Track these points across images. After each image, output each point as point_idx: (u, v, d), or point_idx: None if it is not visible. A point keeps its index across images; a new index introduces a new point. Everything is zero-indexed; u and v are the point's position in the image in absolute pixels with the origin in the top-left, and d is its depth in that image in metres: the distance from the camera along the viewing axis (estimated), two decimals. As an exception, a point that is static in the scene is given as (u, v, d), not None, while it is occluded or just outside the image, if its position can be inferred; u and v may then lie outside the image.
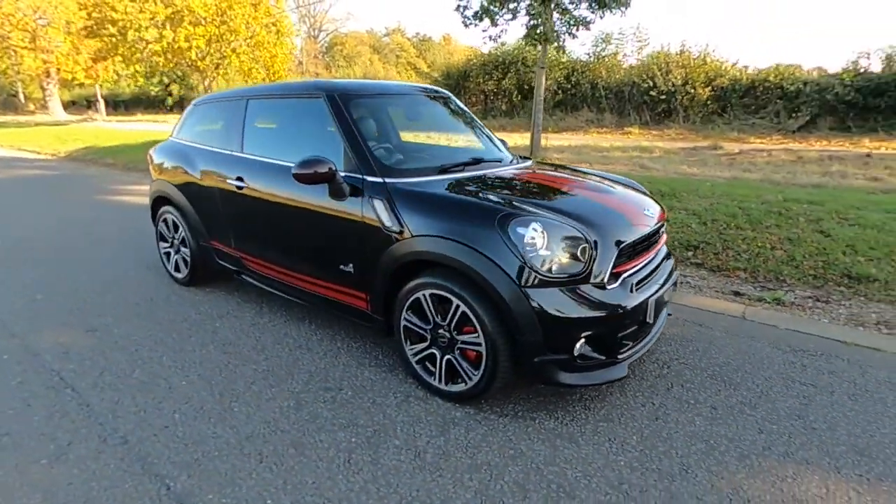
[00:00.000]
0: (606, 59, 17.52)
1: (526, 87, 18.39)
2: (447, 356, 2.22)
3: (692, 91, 15.19)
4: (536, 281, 1.96)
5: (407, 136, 3.33)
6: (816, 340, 2.84)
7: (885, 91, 12.73)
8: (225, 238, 3.23)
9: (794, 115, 13.74)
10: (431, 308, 2.20)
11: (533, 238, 1.97)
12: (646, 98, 15.96)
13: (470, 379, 2.16)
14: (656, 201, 2.65)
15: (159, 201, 3.69)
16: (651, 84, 15.71)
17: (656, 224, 2.42)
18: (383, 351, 2.73)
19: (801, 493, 1.74)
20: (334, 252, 2.55)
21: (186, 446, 1.98)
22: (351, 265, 2.50)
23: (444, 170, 2.55)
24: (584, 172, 3.02)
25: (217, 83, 22.53)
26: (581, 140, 13.62)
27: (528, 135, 10.39)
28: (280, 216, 2.78)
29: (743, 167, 8.61)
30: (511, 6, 7.67)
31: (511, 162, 2.92)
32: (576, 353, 2.02)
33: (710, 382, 2.43)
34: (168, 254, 3.74)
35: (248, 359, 2.66)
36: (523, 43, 8.86)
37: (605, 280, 2.06)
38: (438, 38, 54.35)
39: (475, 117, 3.37)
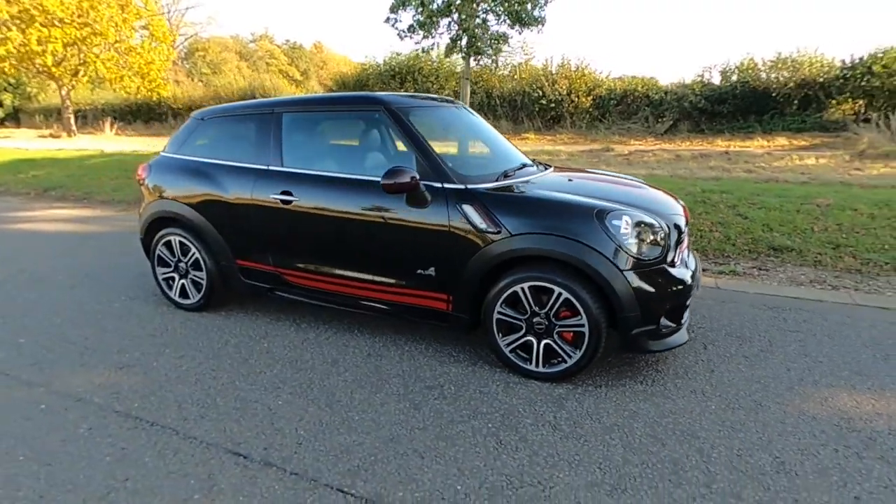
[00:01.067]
0: (498, 70, 18.70)
1: (424, 96, 18.89)
2: (544, 341, 2.48)
3: (576, 99, 16.88)
4: (632, 264, 2.31)
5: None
6: (780, 299, 3.58)
7: (725, 99, 15.34)
8: (258, 255, 3.12)
9: (660, 120, 15.95)
10: (530, 299, 2.44)
11: (626, 228, 2.32)
12: (537, 106, 17.36)
13: (570, 357, 2.44)
14: (669, 193, 3.17)
15: (159, 223, 3.41)
16: (541, 93, 17.14)
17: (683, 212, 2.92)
18: (455, 347, 2.89)
19: (842, 406, 2.29)
20: (413, 258, 2.67)
21: (337, 456, 2.00)
22: (432, 269, 2.64)
23: (506, 175, 2.80)
24: (603, 173, 3.46)
25: (76, 92, 19.88)
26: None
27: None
28: (343, 228, 2.81)
29: (639, 165, 9.90)
30: (442, 21, 8.04)
31: (546, 167, 3.25)
32: (661, 324, 2.41)
33: (730, 339, 2.98)
34: (170, 279, 3.47)
35: (328, 372, 2.66)
36: (425, 53, 9.23)
37: (675, 260, 2.48)
38: (309, 46, 52.95)
39: (490, 126, 3.66)
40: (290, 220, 2.94)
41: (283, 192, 2.91)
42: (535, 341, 2.50)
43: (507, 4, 7.76)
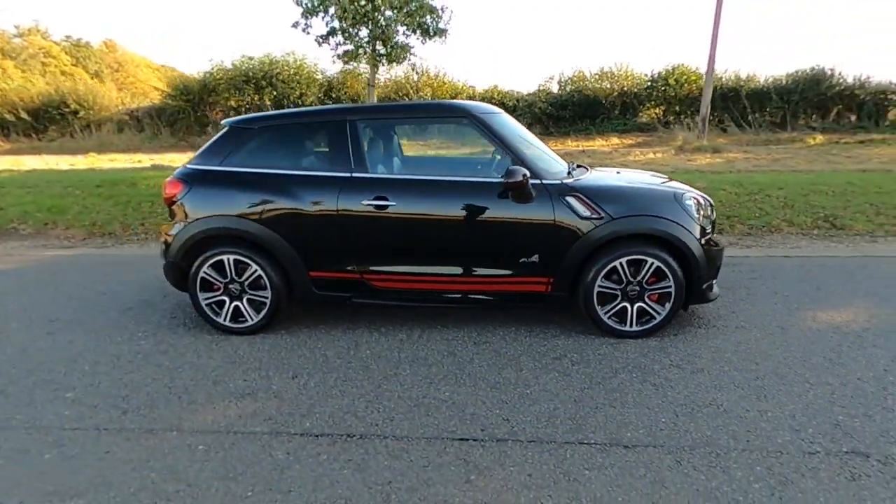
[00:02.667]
0: (362, 77, 18.80)
1: (287, 102, 18.15)
2: (637, 304, 3.03)
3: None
4: (699, 234, 2.99)
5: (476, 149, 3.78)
6: (777, 259, 4.67)
7: (566, 105, 17.82)
8: (337, 264, 3.10)
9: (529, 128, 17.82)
10: (627, 270, 2.97)
11: (694, 206, 2.99)
12: (404, 112, 17.95)
13: (658, 315, 3.03)
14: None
15: (204, 243, 3.11)
16: (407, 101, 17.76)
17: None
18: (539, 326, 3.26)
19: (821, 320, 3.27)
20: (518, 248, 2.99)
21: (554, 419, 2.28)
22: (535, 256, 3.00)
23: (570, 172, 3.27)
24: (631, 171, 4.11)
25: None
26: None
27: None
28: (445, 227, 2.99)
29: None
30: (351, 31, 8.05)
31: (585, 167, 3.75)
32: (714, 279, 3.14)
33: (763, 291, 3.88)
34: (218, 303, 3.18)
35: (461, 363, 2.83)
36: (341, 59, 9.16)
37: (714, 231, 3.24)
38: (98, 44, 45.91)
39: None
40: (385, 225, 3.00)
41: (377, 198, 2.96)
42: (629, 306, 3.03)
43: (412, 17, 8.10)
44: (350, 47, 8.24)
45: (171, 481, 1.95)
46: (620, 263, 2.95)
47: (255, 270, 3.10)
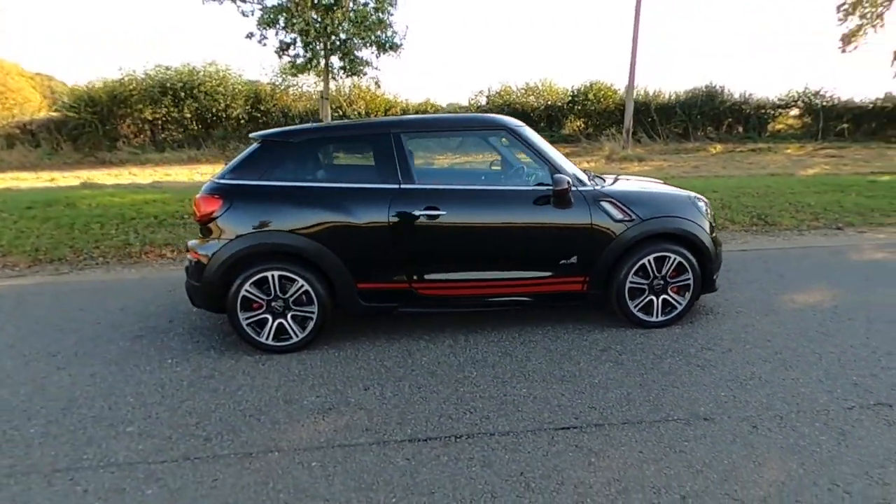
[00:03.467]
0: (291, 89, 18.30)
1: (210, 115, 17.22)
2: (662, 297, 3.37)
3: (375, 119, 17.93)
4: (709, 231, 3.40)
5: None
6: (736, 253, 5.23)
7: (497, 118, 18.57)
8: (386, 275, 3.14)
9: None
10: (653, 267, 3.30)
11: (705, 207, 3.41)
12: (338, 125, 17.75)
13: (679, 305, 3.40)
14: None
15: (248, 261, 3.00)
16: (341, 113, 17.58)
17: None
18: (571, 323, 3.51)
19: (805, 300, 3.84)
20: (559, 251, 3.22)
21: (636, 402, 2.51)
22: (574, 258, 3.25)
23: (592, 179, 3.57)
24: (640, 178, 4.46)
25: None
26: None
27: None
28: (491, 234, 3.15)
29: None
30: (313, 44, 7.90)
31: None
32: (717, 271, 3.58)
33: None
34: (260, 322, 3.08)
35: (523, 360, 2.99)
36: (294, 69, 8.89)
37: (714, 228, 3.69)
38: None
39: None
40: (435, 234, 3.09)
41: (428, 208, 3.05)
42: (654, 298, 3.36)
43: (369, 31, 8.12)
44: (307, 57, 8.08)
45: (308, 499, 1.92)
46: (648, 260, 3.28)
47: (302, 285, 3.05)
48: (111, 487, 2.00)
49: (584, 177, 3.46)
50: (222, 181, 3.08)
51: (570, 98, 18.75)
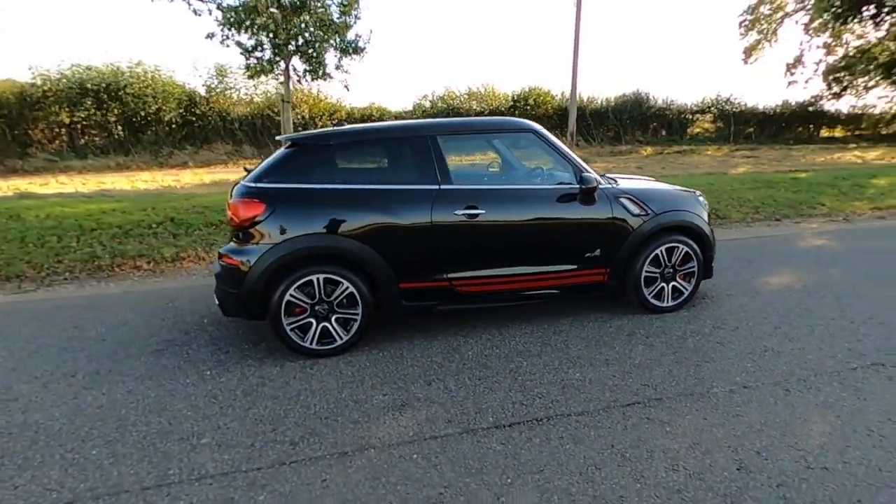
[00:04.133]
0: (227, 92, 17.51)
1: (138, 119, 16.11)
2: (672, 283, 3.71)
3: (320, 123, 17.58)
4: (707, 222, 3.79)
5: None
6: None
7: (442, 123, 18.86)
8: (428, 274, 3.22)
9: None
10: (665, 256, 3.63)
11: (704, 201, 3.79)
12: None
13: (686, 290, 3.75)
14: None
15: (292, 265, 2.97)
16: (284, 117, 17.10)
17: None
18: (590, 314, 3.76)
19: (780, 281, 4.35)
20: (585, 244, 3.45)
21: (677, 379, 2.78)
22: (598, 250, 3.50)
23: (605, 177, 3.85)
24: (639, 178, 4.77)
25: None
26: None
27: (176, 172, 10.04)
28: (526, 231, 3.32)
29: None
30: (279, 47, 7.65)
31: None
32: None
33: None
34: (303, 327, 3.05)
35: (561, 348, 3.18)
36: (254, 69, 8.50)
37: (706, 220, 4.10)
38: None
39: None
40: (474, 233, 3.22)
41: (468, 208, 3.17)
42: (665, 285, 3.69)
43: (336, 33, 8.00)
44: (269, 59, 7.82)
45: (426, 488, 1.98)
46: (661, 251, 3.60)
47: (347, 288, 3.05)
48: (217, 498, 1.95)
49: (597, 175, 3.73)
50: (261, 185, 3.02)
51: (511, 103, 19.41)
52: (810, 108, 22.23)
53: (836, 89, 22.04)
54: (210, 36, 7.69)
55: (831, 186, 8.64)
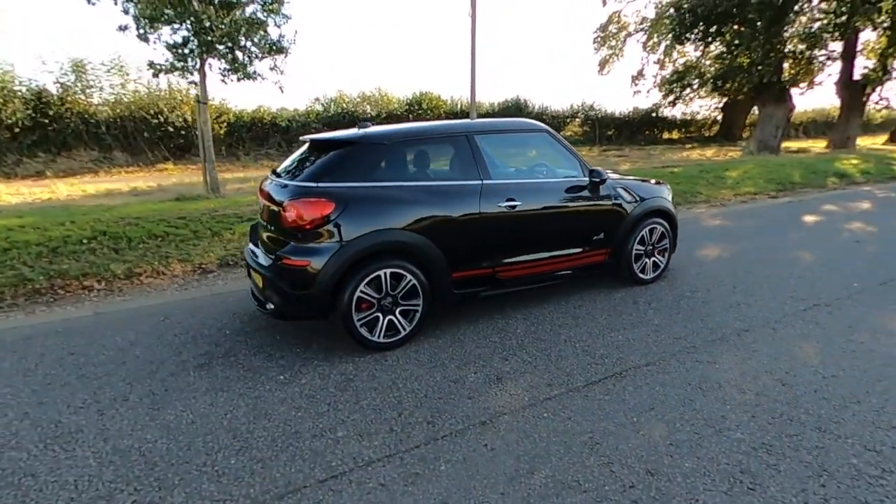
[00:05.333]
0: (89, 91, 15.29)
1: (-28, 121, 13.42)
2: (652, 259, 4.42)
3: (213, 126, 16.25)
4: (673, 207, 4.58)
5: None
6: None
7: (337, 126, 18.59)
8: (475, 262, 3.48)
9: (292, 144, 17.64)
10: (648, 236, 4.32)
11: (669, 189, 4.57)
12: (160, 133, 15.60)
13: (662, 263, 4.49)
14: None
15: (363, 262, 3.03)
16: (162, 119, 15.50)
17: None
18: (588, 288, 4.32)
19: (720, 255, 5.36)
20: (592, 229, 3.99)
21: (676, 339, 3.42)
22: (602, 234, 4.06)
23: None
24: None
25: None
26: (158, 179, 12.35)
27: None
28: (551, 219, 3.75)
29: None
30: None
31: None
32: (673, 236, 4.81)
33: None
34: (371, 322, 3.14)
35: (586, 318, 3.67)
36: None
37: (663, 205, 4.91)
38: None
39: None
40: (512, 223, 3.55)
41: (508, 200, 3.50)
42: (648, 260, 4.39)
43: (258, 33, 7.50)
44: (190, 55, 7.10)
45: (585, 432, 2.30)
46: (645, 231, 4.28)
47: (410, 280, 3.20)
48: (401, 474, 2.06)
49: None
50: (326, 184, 3.02)
51: (406, 107, 19.81)
52: (653, 115, 26.03)
53: (670, 98, 26.08)
54: (122, 28, 6.83)
55: (701, 179, 10.46)
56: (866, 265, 4.86)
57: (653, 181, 4.58)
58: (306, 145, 3.58)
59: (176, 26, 6.82)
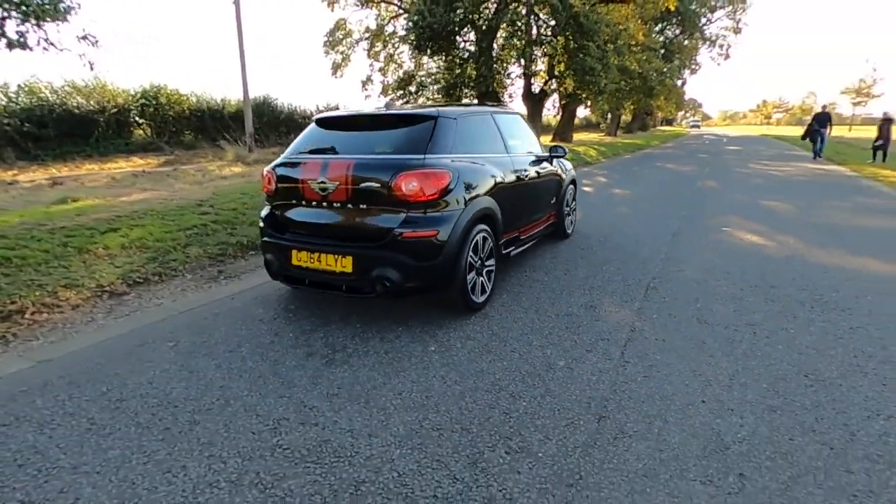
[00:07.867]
0: None
1: None
2: (571, 216, 5.60)
3: None
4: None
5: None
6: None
7: (46, 123, 14.31)
8: (510, 225, 3.88)
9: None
10: (570, 198, 5.46)
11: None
12: None
13: (574, 220, 5.73)
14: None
15: (470, 227, 3.15)
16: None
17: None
18: (540, 251, 5.22)
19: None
20: (551, 194, 4.88)
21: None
22: (554, 198, 5.00)
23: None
24: None
25: None
26: None
27: None
28: (542, 187, 4.48)
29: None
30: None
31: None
32: (567, 201, 6.13)
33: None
34: (473, 284, 3.30)
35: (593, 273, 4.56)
36: None
37: (554, 178, 6.16)
38: None
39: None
40: (528, 190, 4.14)
41: (524, 171, 4.07)
42: (572, 218, 5.54)
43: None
44: None
45: (698, 367, 3.16)
46: (570, 195, 5.41)
47: (490, 242, 3.46)
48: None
49: None
50: (437, 156, 3.01)
51: (140, 101, 16.61)
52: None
53: (405, 101, 28.93)
54: None
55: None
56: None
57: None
58: (340, 123, 3.38)
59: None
